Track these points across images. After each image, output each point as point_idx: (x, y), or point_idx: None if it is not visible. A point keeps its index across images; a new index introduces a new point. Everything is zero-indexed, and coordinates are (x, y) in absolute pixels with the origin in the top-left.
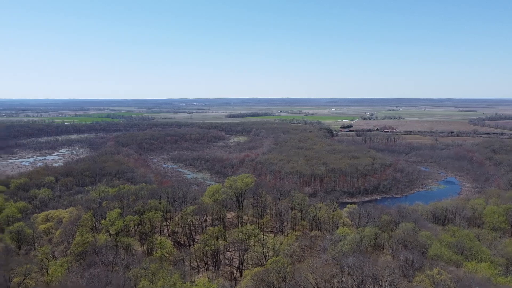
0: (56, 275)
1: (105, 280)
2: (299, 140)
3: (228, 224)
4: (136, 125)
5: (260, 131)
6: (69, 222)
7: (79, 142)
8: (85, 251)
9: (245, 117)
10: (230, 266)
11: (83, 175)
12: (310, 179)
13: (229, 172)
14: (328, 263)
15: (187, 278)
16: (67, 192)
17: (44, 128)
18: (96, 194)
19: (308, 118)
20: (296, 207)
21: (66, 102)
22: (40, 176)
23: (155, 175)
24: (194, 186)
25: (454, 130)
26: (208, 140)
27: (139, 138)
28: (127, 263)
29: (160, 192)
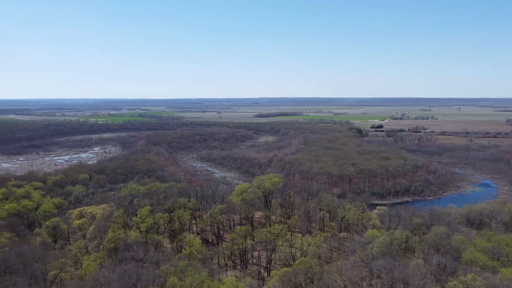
0: (89, 270)
1: (135, 276)
2: (328, 140)
3: (256, 224)
4: (167, 124)
5: (288, 131)
6: (102, 219)
7: (112, 141)
8: (117, 247)
9: (274, 116)
10: (257, 265)
11: (115, 173)
12: (339, 179)
13: (257, 171)
14: (357, 265)
15: (215, 276)
16: (100, 189)
17: (79, 127)
18: (127, 192)
19: (337, 118)
20: (324, 208)
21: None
22: (75, 173)
23: (184, 174)
24: (222, 185)
25: (491, 131)
26: (236, 139)
27: (169, 137)
28: (157, 260)
29: (189, 191)
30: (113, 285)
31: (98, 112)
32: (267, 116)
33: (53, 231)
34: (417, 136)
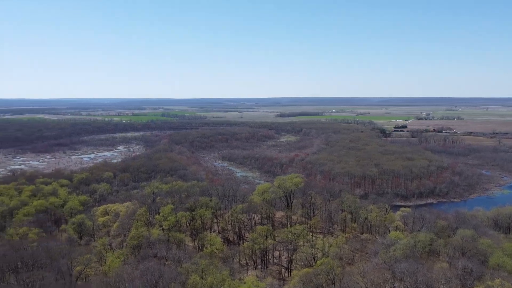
0: (113, 266)
1: (158, 273)
2: (350, 140)
3: (277, 224)
4: (189, 123)
5: (310, 130)
6: (125, 216)
7: (136, 140)
8: (140, 244)
9: (295, 116)
10: (278, 265)
11: (138, 171)
12: (361, 180)
13: (278, 171)
14: (379, 267)
15: (236, 275)
16: (124, 187)
17: (104, 126)
18: (150, 190)
19: (359, 118)
20: (346, 209)
21: (124, 102)
22: (100, 171)
23: (206, 173)
24: (243, 185)
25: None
26: (258, 139)
27: (192, 137)
28: (179, 257)
29: (211, 190)
30: (136, 281)
31: (123, 111)
32: (288, 116)
33: (79, 228)
34: (443, 137)
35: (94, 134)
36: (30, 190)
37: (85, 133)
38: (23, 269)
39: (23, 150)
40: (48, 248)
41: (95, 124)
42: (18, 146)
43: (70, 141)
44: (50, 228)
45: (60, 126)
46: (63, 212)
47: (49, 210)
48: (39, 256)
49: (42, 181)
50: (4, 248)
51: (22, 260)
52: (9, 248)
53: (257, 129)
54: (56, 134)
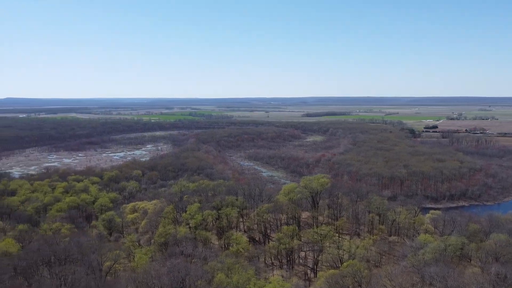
0: (141, 262)
1: (184, 270)
2: (378, 140)
3: (302, 224)
4: (216, 123)
5: (337, 130)
6: (153, 214)
7: (164, 139)
8: (167, 242)
9: (322, 116)
10: (304, 266)
11: (166, 170)
12: (389, 181)
13: (304, 171)
14: (407, 271)
15: (261, 275)
16: (152, 185)
17: (133, 125)
18: (177, 188)
19: (388, 118)
20: (374, 210)
21: (152, 101)
22: (129, 169)
23: (232, 172)
24: (269, 184)
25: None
26: (284, 139)
27: (218, 136)
28: (205, 256)
29: (237, 189)
30: (163, 278)
31: (151, 111)
32: (315, 116)
33: (108, 224)
34: (475, 138)
35: (124, 133)
36: (63, 187)
37: (115, 132)
38: (56, 263)
39: (56, 148)
40: (80, 243)
41: (125, 123)
42: (52, 144)
43: (101, 140)
44: (81, 224)
45: (91, 125)
46: (93, 209)
47: (80, 207)
48: (71, 251)
49: (74, 178)
50: (39, 242)
51: (55, 254)
52: (43, 243)
53: (283, 128)
54: (88, 133)
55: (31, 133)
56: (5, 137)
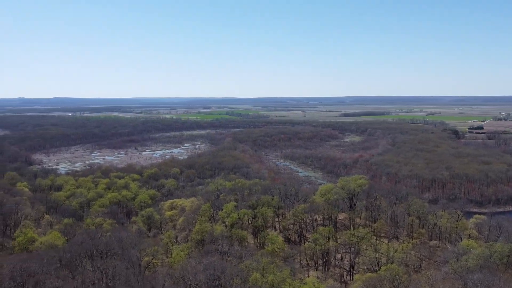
0: (178, 259)
1: (220, 268)
2: (418, 141)
3: (339, 225)
4: (252, 122)
5: (375, 131)
6: (190, 211)
7: (201, 138)
8: (203, 239)
9: (360, 116)
10: (340, 268)
11: (203, 168)
12: (430, 184)
13: (341, 172)
14: (449, 277)
15: (297, 275)
16: (189, 183)
17: (172, 124)
18: (214, 187)
19: (429, 118)
20: (413, 213)
21: (191, 101)
22: (168, 167)
23: (268, 172)
24: (305, 184)
25: None
26: (321, 138)
27: (254, 135)
28: (240, 254)
29: (273, 189)
30: (199, 275)
31: (189, 110)
32: (353, 116)
33: (147, 220)
34: None
35: (163, 131)
36: (105, 183)
37: (154, 131)
38: (98, 257)
39: (99, 146)
40: (120, 238)
41: (164, 122)
42: (95, 142)
43: (141, 138)
44: (122, 220)
45: (132, 124)
46: (133, 205)
47: (121, 203)
48: (112, 245)
49: (115, 175)
50: (82, 236)
51: (97, 248)
52: (86, 237)
53: (320, 128)
54: (129, 131)
55: (76, 131)
56: (53, 135)
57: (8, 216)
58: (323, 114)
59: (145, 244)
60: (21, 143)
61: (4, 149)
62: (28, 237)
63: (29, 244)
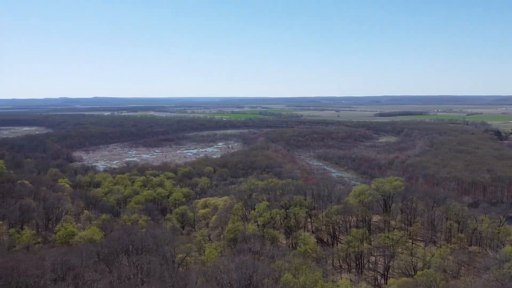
0: (210, 257)
1: (252, 268)
2: (458, 142)
3: (373, 228)
4: (285, 122)
5: (412, 131)
6: (223, 210)
7: (234, 137)
8: (236, 238)
9: (396, 116)
10: (374, 271)
11: (236, 167)
12: (470, 187)
13: (376, 173)
14: (490, 284)
15: (329, 277)
16: (222, 182)
17: (205, 123)
18: (247, 186)
19: (470, 118)
20: (452, 217)
21: (224, 100)
22: (201, 166)
23: (301, 172)
24: (339, 185)
25: None
26: (355, 139)
27: (287, 135)
28: (272, 254)
29: (305, 189)
30: (231, 273)
31: (223, 109)
32: (388, 115)
33: (181, 218)
34: None
35: (197, 130)
36: (141, 180)
37: (189, 130)
38: (133, 252)
39: (136, 144)
40: (155, 235)
41: (198, 121)
42: (132, 140)
43: (176, 137)
44: (157, 217)
45: (167, 123)
46: (168, 203)
47: (156, 200)
48: (147, 242)
49: (151, 173)
50: (119, 232)
51: (133, 244)
52: (123, 232)
53: (354, 128)
54: (164, 130)
55: (114, 130)
56: (92, 133)
57: (51, 211)
58: (358, 114)
59: (178, 241)
60: (63, 141)
61: (47, 147)
62: (68, 231)
63: (69, 238)
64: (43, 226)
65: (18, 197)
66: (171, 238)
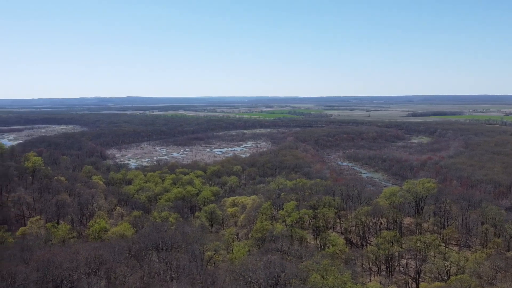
0: (239, 255)
1: (280, 267)
2: (495, 143)
3: (404, 230)
4: (314, 121)
5: (446, 131)
6: (251, 209)
7: (263, 136)
8: (264, 237)
9: (429, 116)
10: (405, 274)
11: (265, 167)
12: (508, 190)
13: (408, 174)
14: None
15: (358, 279)
16: (251, 181)
17: (234, 122)
18: (275, 185)
19: (508, 119)
20: (488, 221)
21: (253, 100)
22: (230, 165)
23: (330, 172)
24: (369, 186)
25: None
26: (386, 139)
27: (316, 135)
28: (300, 254)
29: (334, 189)
30: (259, 272)
31: (252, 109)
32: (421, 115)
33: (210, 216)
34: None
35: (226, 129)
36: (171, 178)
37: (218, 129)
38: (163, 249)
39: (167, 143)
40: (184, 232)
41: (227, 121)
42: (163, 139)
43: (205, 136)
44: (186, 214)
45: (197, 122)
46: (197, 201)
47: (186, 198)
48: (176, 239)
49: (181, 171)
50: (149, 228)
51: (163, 241)
52: (153, 229)
53: (386, 128)
54: (194, 129)
55: (146, 128)
56: (125, 131)
57: (85, 207)
58: (389, 113)
59: (207, 239)
60: (97, 139)
61: (82, 145)
62: (101, 227)
63: (102, 234)
64: (77, 221)
65: (54, 193)
66: (200, 235)
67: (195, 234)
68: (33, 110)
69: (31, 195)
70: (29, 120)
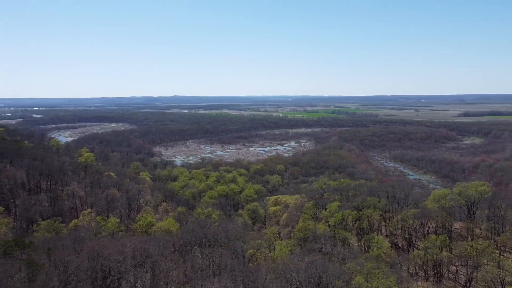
0: (280, 254)
1: (322, 268)
2: None
3: (454, 235)
4: (359, 121)
5: (502, 132)
6: (294, 208)
7: (306, 136)
8: (306, 237)
9: (483, 116)
10: (454, 281)
11: (308, 166)
12: None
13: (459, 177)
14: None
15: (404, 284)
16: (293, 180)
17: (278, 121)
18: (318, 185)
19: None
20: None
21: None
22: (273, 164)
23: (375, 173)
24: (416, 188)
25: None
26: (435, 140)
27: (362, 135)
28: (343, 256)
29: (380, 190)
30: (301, 272)
31: (296, 108)
32: (474, 115)
33: (252, 214)
34: None
35: (269, 129)
36: (215, 176)
37: (261, 128)
38: (206, 245)
39: (211, 141)
40: (227, 229)
41: (271, 120)
42: (207, 137)
43: (249, 135)
44: (229, 212)
45: (241, 121)
46: (240, 199)
47: (229, 195)
48: (219, 235)
49: (224, 169)
50: (193, 224)
51: (206, 237)
52: (197, 225)
53: (435, 129)
54: (238, 128)
55: (191, 127)
56: (171, 129)
57: (133, 201)
58: (439, 113)
59: (249, 237)
60: (144, 136)
61: (131, 142)
62: (147, 222)
63: (148, 228)
64: (125, 215)
65: (105, 188)
66: (242, 233)
67: (237, 232)
68: (86, 108)
69: (83, 189)
70: (82, 118)
